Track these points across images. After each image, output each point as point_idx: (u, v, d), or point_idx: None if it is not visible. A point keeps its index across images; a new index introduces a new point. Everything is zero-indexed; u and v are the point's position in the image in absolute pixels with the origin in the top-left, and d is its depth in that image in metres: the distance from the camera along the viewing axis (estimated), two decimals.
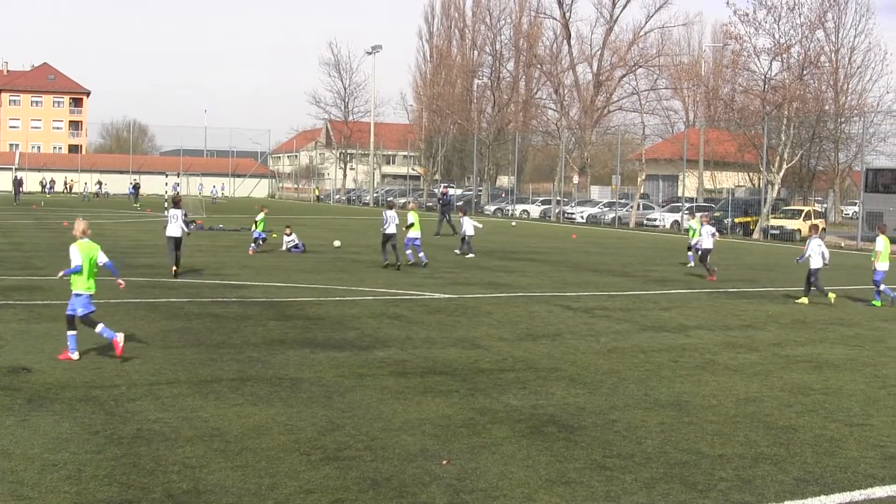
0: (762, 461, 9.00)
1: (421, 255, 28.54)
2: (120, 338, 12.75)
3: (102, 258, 13.17)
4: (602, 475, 8.41)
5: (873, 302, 22.43)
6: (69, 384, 11.30)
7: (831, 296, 22.09)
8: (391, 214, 27.74)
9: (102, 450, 8.70)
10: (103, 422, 9.65)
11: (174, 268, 23.79)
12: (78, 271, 12.77)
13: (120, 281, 13.78)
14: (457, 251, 33.43)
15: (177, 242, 24.18)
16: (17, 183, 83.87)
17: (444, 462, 8.63)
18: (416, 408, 10.65)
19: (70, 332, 12.81)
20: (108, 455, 8.55)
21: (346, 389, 11.47)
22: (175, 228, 24.19)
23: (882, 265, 22.47)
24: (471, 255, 32.53)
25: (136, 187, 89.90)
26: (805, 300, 22.19)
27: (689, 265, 31.59)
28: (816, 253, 22.25)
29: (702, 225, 28.79)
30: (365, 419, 10.05)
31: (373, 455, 8.79)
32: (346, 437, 9.36)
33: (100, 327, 12.89)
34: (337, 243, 35.99)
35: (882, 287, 22.40)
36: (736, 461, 8.97)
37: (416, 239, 28.41)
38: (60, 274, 13.10)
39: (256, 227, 32.69)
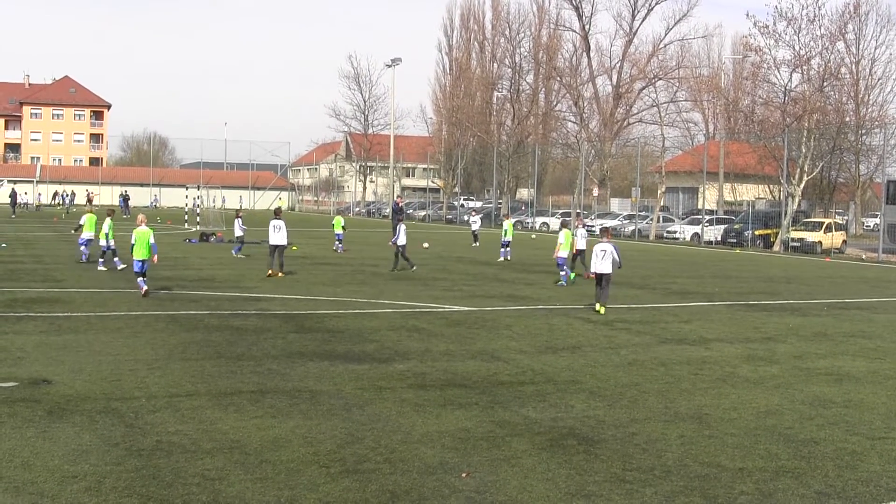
0: (783, 474, 8.95)
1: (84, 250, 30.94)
2: None
3: None
4: (622, 488, 8.38)
5: (559, 282, 27.56)
6: (89, 396, 11.33)
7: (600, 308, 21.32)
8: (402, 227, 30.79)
9: (122, 462, 8.72)
10: (123, 434, 9.67)
11: (277, 272, 27.28)
12: None
13: None
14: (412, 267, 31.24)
15: (279, 249, 27.70)
16: (14, 195, 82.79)
17: (464, 475, 8.61)
18: (436, 420, 10.64)
19: None
20: (127, 467, 8.56)
21: (365, 402, 11.47)
22: (277, 237, 27.70)
23: (563, 253, 27.73)
24: (413, 268, 30.64)
25: (126, 199, 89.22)
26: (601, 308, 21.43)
27: (499, 259, 37.10)
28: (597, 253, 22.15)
29: (577, 227, 32.47)
30: (384, 432, 10.04)
31: (392, 468, 8.78)
32: (365, 449, 9.35)
33: None
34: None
35: (564, 271, 27.86)
36: (757, 474, 8.92)
37: (86, 241, 30.75)
38: None
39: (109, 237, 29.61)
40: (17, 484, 8.01)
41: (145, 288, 21.73)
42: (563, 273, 27.93)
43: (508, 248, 37.41)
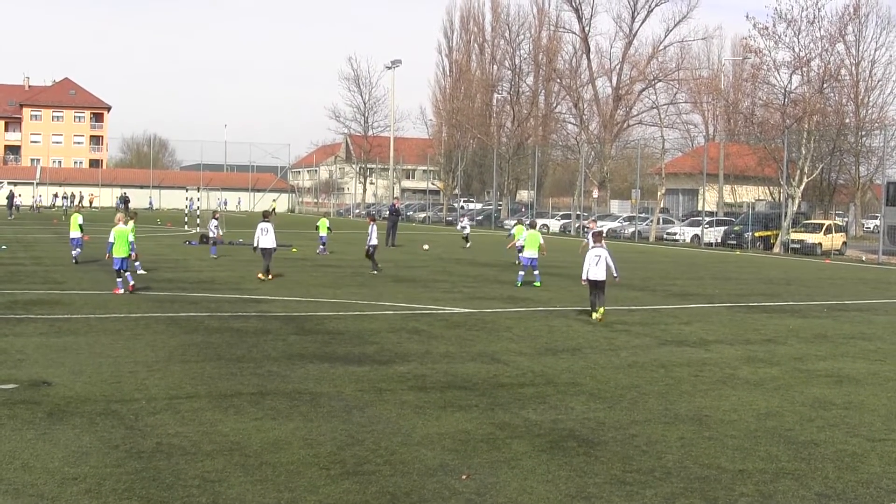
0: (783, 476, 8.95)
1: None
2: None
3: None
4: (622, 490, 8.38)
5: (535, 283, 27.15)
6: (89, 398, 11.33)
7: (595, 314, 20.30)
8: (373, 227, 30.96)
9: (122, 463, 8.72)
10: (123, 436, 9.67)
11: (265, 276, 26.65)
12: None
13: None
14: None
15: (267, 252, 27.13)
16: (11, 197, 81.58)
17: (464, 477, 8.61)
18: (436, 422, 10.63)
19: None
20: (127, 469, 8.56)
21: (365, 404, 11.46)
22: (265, 240, 27.17)
23: (530, 253, 27.35)
24: (374, 272, 30.16)
25: (126, 200, 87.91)
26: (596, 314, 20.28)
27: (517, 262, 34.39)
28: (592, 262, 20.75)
29: (590, 230, 31.78)
30: (384, 434, 10.04)
31: (392, 469, 8.78)
32: (365, 451, 9.35)
33: None
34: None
35: (520, 273, 27.47)
36: (757, 476, 8.92)
37: (73, 240, 30.76)
38: None
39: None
40: (16, 486, 8.01)
41: (121, 290, 22.46)
42: (520, 273, 27.59)
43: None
